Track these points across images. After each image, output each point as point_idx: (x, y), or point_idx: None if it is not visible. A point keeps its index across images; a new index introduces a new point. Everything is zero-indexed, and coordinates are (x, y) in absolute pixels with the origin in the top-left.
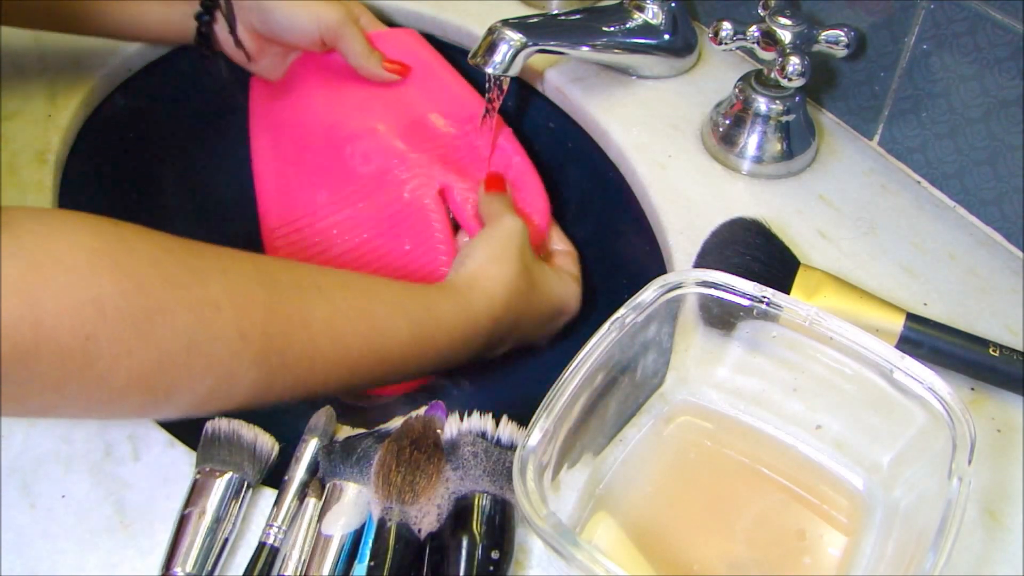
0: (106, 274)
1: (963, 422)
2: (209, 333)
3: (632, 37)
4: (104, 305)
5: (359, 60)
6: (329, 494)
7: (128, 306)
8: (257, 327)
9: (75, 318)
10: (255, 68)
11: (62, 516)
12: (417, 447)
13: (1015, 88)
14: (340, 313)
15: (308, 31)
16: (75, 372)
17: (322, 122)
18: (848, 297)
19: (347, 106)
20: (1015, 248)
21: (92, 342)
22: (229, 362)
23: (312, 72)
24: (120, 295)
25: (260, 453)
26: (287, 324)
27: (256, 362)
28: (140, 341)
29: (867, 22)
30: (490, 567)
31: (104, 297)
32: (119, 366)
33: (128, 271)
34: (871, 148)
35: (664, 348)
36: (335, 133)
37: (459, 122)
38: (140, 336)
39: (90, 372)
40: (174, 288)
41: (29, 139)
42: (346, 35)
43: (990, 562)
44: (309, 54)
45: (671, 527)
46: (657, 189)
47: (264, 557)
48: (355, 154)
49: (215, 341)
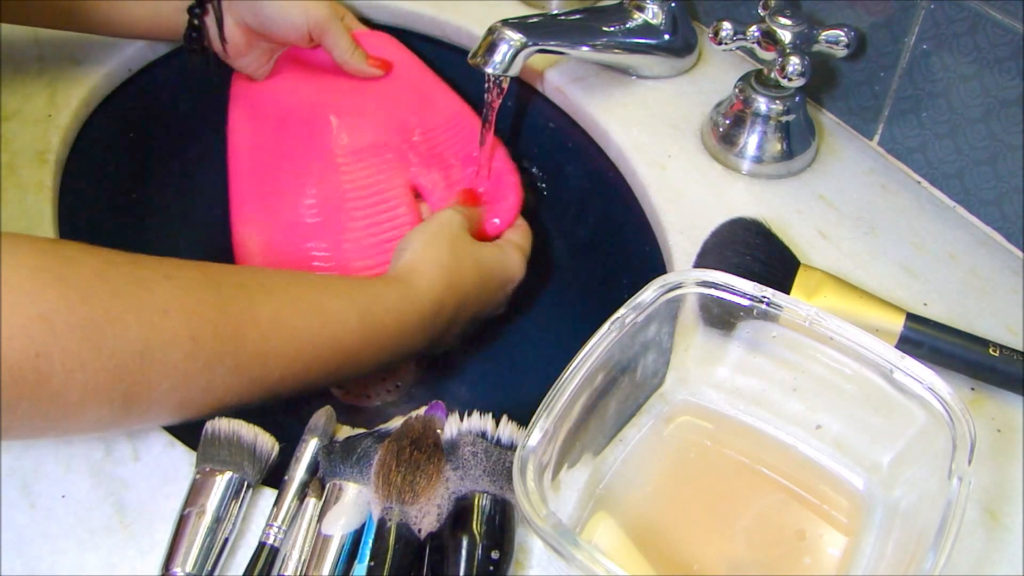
0: (50, 289)
1: (963, 422)
2: (161, 339)
3: (632, 37)
4: (52, 320)
5: (344, 55)
6: (329, 494)
7: (76, 319)
8: (207, 328)
9: (23, 336)
10: (240, 64)
11: (62, 516)
12: (417, 447)
13: (1015, 88)
14: (288, 307)
15: (297, 25)
16: (28, 391)
17: (301, 111)
18: (848, 297)
19: (327, 98)
20: (1015, 248)
21: (43, 359)
22: (184, 365)
23: (294, 66)
24: (67, 308)
25: (260, 453)
26: (237, 323)
27: (210, 364)
28: (92, 353)
29: (867, 22)
30: (490, 567)
31: (51, 312)
32: (73, 380)
33: (72, 284)
34: (871, 148)
35: (664, 348)
36: (314, 122)
37: (437, 119)
38: (92, 348)
39: (43, 390)
40: (121, 297)
41: (29, 139)
42: (333, 31)
43: (990, 562)
44: (290, 50)
45: (671, 527)
46: (657, 189)
47: (264, 557)
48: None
49: (167, 346)
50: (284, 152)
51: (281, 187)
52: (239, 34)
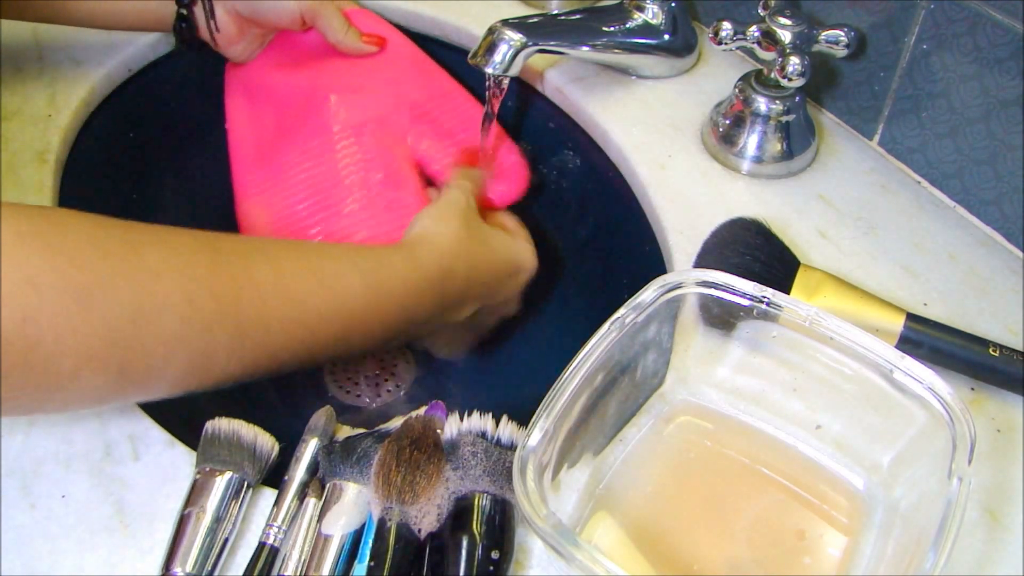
0: (36, 254)
1: (963, 422)
2: (154, 302)
3: (632, 37)
4: (38, 283)
5: (338, 36)
6: (329, 494)
7: (64, 282)
8: (203, 290)
9: (9, 301)
10: (232, 52)
11: (62, 516)
12: (417, 447)
13: (1015, 88)
14: (287, 272)
15: (290, 9)
16: (17, 358)
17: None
18: (848, 297)
19: (323, 76)
20: (1015, 248)
21: (31, 324)
22: (180, 330)
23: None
24: (53, 271)
25: (260, 453)
26: (233, 285)
27: (209, 327)
28: (83, 317)
29: (867, 22)
30: (490, 567)
31: (38, 276)
32: (64, 346)
33: (60, 248)
34: (871, 148)
35: (664, 348)
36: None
37: (434, 91)
38: (82, 311)
39: (34, 356)
40: (110, 260)
41: (29, 139)
42: (325, 12)
43: (990, 562)
44: (281, 34)
45: (671, 527)
46: (657, 189)
47: (264, 557)
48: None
49: (161, 310)
50: (284, 132)
51: (283, 165)
52: (230, 22)
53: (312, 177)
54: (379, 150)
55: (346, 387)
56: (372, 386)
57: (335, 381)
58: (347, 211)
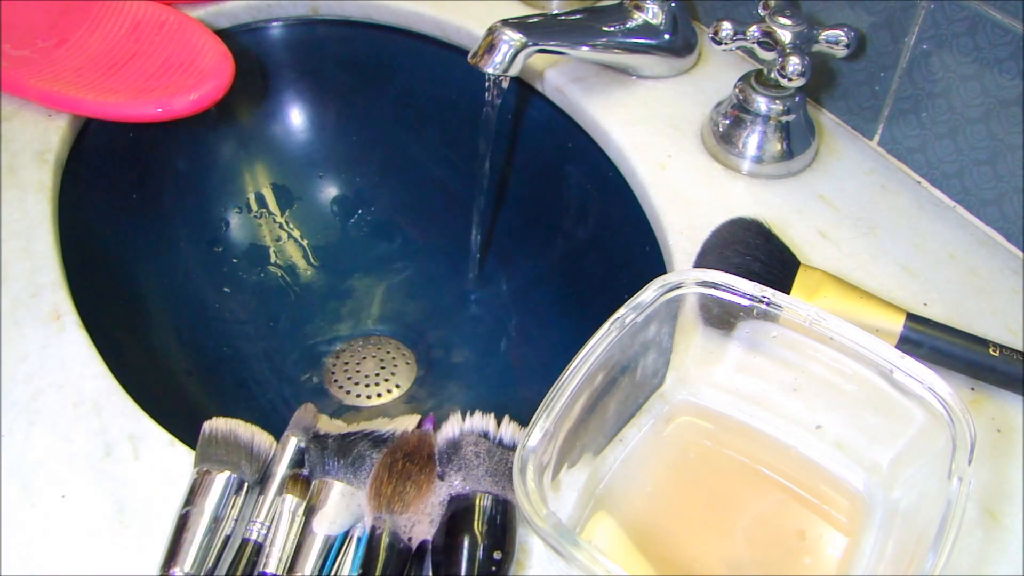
0: None
1: (963, 422)
2: None
3: (632, 37)
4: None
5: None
6: (315, 491)
7: None
8: None
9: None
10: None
11: (62, 516)
12: (410, 459)
13: (1015, 88)
14: None
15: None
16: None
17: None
18: (848, 297)
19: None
20: (1015, 248)
21: None
22: None
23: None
24: None
25: (258, 452)
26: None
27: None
28: None
29: (867, 22)
30: (492, 567)
31: None
32: None
33: None
34: (871, 148)
35: (664, 348)
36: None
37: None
38: None
39: None
40: None
41: (29, 139)
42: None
43: (990, 562)
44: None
45: (671, 527)
46: (657, 189)
47: (248, 553)
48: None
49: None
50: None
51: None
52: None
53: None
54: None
55: (346, 387)
56: (372, 386)
57: (335, 381)
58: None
